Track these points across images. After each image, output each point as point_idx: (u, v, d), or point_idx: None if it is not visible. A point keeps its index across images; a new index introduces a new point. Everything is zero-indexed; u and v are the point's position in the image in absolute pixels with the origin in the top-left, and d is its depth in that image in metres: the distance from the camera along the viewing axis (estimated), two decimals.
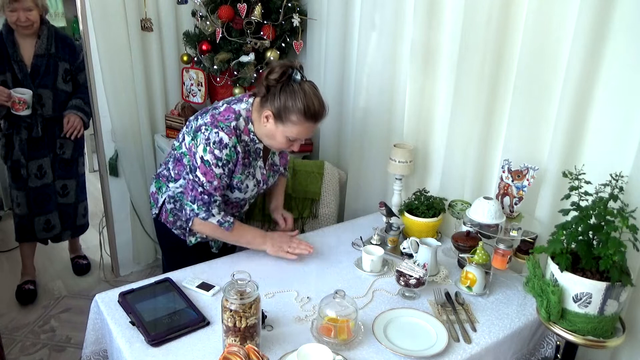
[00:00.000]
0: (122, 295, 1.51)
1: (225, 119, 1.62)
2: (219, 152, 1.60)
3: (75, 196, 2.80)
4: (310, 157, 2.80)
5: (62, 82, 2.58)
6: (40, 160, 2.63)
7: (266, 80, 1.58)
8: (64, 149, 2.69)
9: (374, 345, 1.37)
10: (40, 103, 2.53)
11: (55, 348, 2.45)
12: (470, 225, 1.71)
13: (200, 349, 1.34)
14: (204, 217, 1.66)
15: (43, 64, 2.51)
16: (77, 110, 2.61)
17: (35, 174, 2.63)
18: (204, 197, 1.64)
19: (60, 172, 2.71)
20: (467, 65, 1.83)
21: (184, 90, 2.79)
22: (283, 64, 1.57)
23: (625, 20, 1.42)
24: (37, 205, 2.69)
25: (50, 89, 2.55)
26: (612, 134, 1.52)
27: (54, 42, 2.55)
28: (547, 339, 1.65)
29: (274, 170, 1.87)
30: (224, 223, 1.69)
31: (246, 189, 1.75)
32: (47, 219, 2.73)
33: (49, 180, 2.68)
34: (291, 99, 1.55)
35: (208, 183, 1.62)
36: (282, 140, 1.63)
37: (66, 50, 2.58)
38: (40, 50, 2.50)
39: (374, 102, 2.29)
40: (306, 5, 2.62)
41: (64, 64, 2.57)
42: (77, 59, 2.62)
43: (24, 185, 2.64)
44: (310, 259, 1.80)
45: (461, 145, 1.94)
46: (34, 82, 2.50)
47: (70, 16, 5.95)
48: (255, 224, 2.36)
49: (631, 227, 1.23)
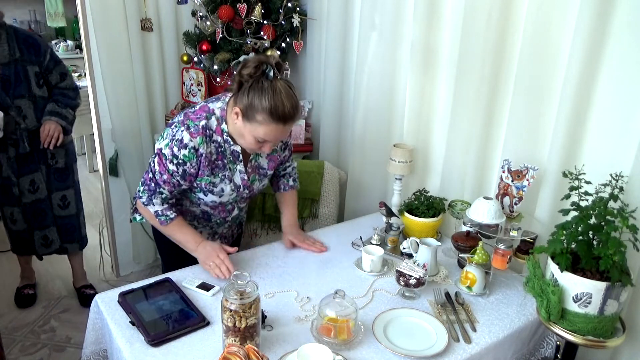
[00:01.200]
0: (122, 295, 1.51)
1: (196, 118, 1.58)
2: (177, 150, 1.56)
3: (76, 206, 2.63)
4: (310, 157, 2.80)
5: (37, 87, 2.32)
6: (31, 175, 2.44)
7: (239, 76, 1.48)
8: (57, 158, 2.48)
9: (374, 345, 1.37)
10: (22, 115, 2.30)
11: (55, 348, 2.45)
12: (470, 225, 1.71)
13: (200, 349, 1.34)
14: (144, 202, 1.66)
15: (12, 72, 2.23)
16: (52, 115, 2.35)
17: (28, 190, 2.45)
18: (151, 185, 1.63)
19: (57, 183, 2.52)
20: (467, 65, 1.84)
21: (184, 90, 2.79)
22: (258, 59, 1.46)
23: (625, 20, 1.42)
24: (35, 219, 2.52)
25: (28, 98, 2.30)
26: (612, 134, 1.52)
27: (17, 45, 2.26)
28: (547, 339, 1.65)
29: (260, 174, 1.77)
30: (160, 215, 1.66)
31: (221, 193, 1.70)
32: (44, 234, 2.56)
33: (43, 194, 2.49)
34: (258, 97, 1.45)
35: (159, 174, 1.61)
36: (251, 140, 1.54)
37: (31, 51, 2.29)
38: (3, 58, 2.21)
39: (374, 102, 2.29)
40: (306, 5, 2.63)
41: (33, 68, 2.30)
42: (45, 58, 2.33)
43: (18, 202, 2.46)
44: (310, 259, 1.80)
45: (461, 145, 1.94)
46: (8, 94, 2.25)
47: (70, 16, 5.94)
48: (255, 224, 2.37)
49: (631, 227, 1.23)
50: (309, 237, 1.90)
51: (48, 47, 2.36)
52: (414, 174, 2.18)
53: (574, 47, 1.51)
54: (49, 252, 2.65)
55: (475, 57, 1.79)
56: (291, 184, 1.96)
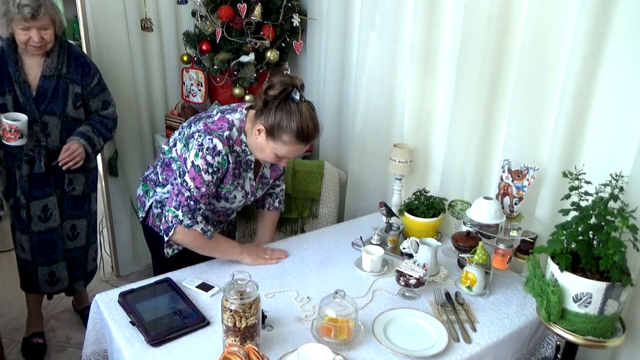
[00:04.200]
0: (122, 295, 1.51)
1: (218, 128, 1.61)
2: (211, 158, 1.57)
3: (86, 238, 2.36)
4: (310, 157, 2.80)
5: (73, 108, 2.14)
6: (44, 200, 2.17)
7: (265, 95, 1.55)
8: (74, 184, 2.23)
9: (374, 345, 1.37)
10: (45, 132, 2.09)
11: (55, 348, 2.45)
12: (470, 225, 1.71)
13: (200, 349, 1.34)
14: (188, 224, 1.60)
15: (51, 86, 2.07)
16: (82, 137, 2.13)
17: (39, 217, 2.18)
18: (190, 204, 1.60)
19: (70, 211, 2.26)
20: (467, 65, 1.84)
21: (184, 90, 2.79)
22: (284, 82, 1.54)
23: (625, 20, 1.42)
24: (41, 252, 2.24)
25: (59, 117, 2.10)
26: (612, 134, 1.52)
27: (66, 61, 2.11)
28: (547, 339, 1.65)
29: (264, 182, 1.84)
30: (207, 231, 1.65)
31: (233, 200, 1.74)
32: (51, 270, 2.28)
33: (56, 223, 2.21)
34: (286, 119, 1.53)
35: (196, 189, 1.59)
36: (271, 155, 1.62)
37: (79, 71, 2.14)
38: (48, 70, 2.06)
39: (374, 102, 2.29)
40: (306, 5, 2.63)
41: (75, 87, 2.13)
42: (91, 81, 2.18)
43: (27, 228, 2.20)
44: (310, 259, 1.80)
45: (461, 145, 1.95)
46: (39, 107, 2.07)
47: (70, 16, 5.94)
48: (254, 224, 2.36)
49: (631, 227, 1.23)
50: (267, 248, 1.84)
51: (98, 71, 2.23)
52: (414, 174, 2.18)
53: (574, 47, 1.51)
54: (54, 292, 2.37)
55: (475, 57, 1.79)
56: (276, 205, 1.99)
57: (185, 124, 1.73)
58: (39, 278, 2.28)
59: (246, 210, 2.27)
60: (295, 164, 2.35)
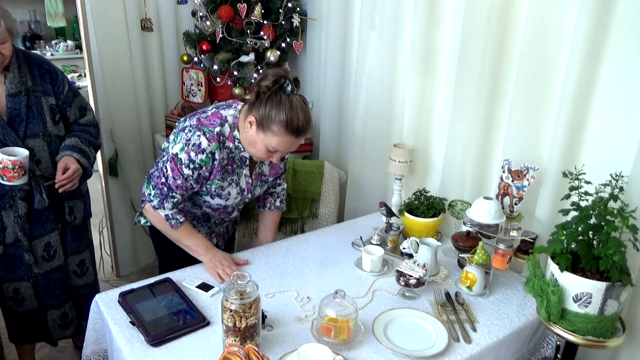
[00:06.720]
0: (122, 295, 1.51)
1: (210, 124, 1.62)
2: (194, 155, 1.59)
3: (93, 272, 2.18)
4: (310, 157, 2.80)
5: (52, 124, 1.84)
6: (47, 237, 1.92)
7: (257, 86, 1.56)
8: (75, 212, 2.01)
9: (374, 345, 1.37)
10: (34, 160, 1.80)
11: (55, 348, 2.45)
12: (470, 225, 1.71)
13: (200, 349, 1.34)
14: (154, 205, 1.66)
15: (22, 105, 1.76)
16: (73, 150, 1.86)
17: (42, 256, 1.94)
18: (163, 189, 1.64)
19: (73, 244, 2.04)
20: (467, 65, 1.84)
21: (184, 90, 2.79)
22: (277, 73, 1.54)
23: (625, 20, 1.42)
24: (50, 294, 2.00)
25: (42, 137, 1.81)
26: (612, 134, 1.52)
27: (29, 72, 1.80)
28: (547, 339, 1.65)
29: (262, 180, 1.83)
30: (171, 219, 1.68)
31: (227, 196, 1.73)
32: (63, 312, 2.04)
33: (60, 261, 1.99)
34: (275, 109, 1.52)
35: (172, 178, 1.62)
36: (262, 149, 1.60)
37: (46, 79, 1.84)
38: (13, 87, 1.75)
39: (374, 102, 2.29)
40: (306, 5, 2.63)
41: (48, 99, 1.83)
42: (63, 88, 1.88)
43: (28, 274, 1.94)
44: (310, 259, 1.80)
45: (461, 145, 1.95)
46: (17, 132, 1.76)
47: (70, 16, 5.94)
48: (255, 224, 2.36)
49: (631, 227, 1.23)
50: (233, 265, 1.72)
51: (64, 74, 1.93)
52: (414, 174, 2.18)
53: (574, 47, 1.51)
54: (66, 336, 2.15)
55: (475, 57, 1.79)
56: (277, 205, 1.98)
57: (181, 119, 1.73)
58: (49, 324, 2.05)
59: (247, 209, 2.28)
60: (295, 164, 2.35)
